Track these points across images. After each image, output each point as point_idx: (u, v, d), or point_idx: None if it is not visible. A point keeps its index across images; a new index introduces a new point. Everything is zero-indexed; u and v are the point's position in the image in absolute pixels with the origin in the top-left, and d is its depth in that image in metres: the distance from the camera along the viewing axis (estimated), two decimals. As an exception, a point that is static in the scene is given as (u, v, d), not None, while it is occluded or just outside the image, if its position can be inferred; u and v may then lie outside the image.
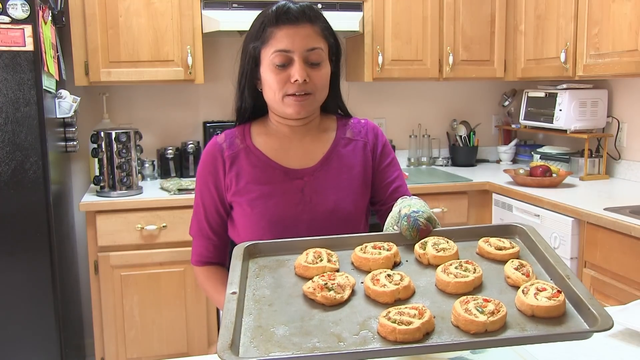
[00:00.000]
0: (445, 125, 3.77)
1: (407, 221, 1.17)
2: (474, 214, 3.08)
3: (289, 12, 1.32)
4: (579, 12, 2.76)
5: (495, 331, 0.87)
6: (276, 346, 0.87)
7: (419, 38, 3.23)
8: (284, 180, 1.39)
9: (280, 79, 1.32)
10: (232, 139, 1.45)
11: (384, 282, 0.98)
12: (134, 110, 3.30)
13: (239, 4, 2.93)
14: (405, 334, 0.84)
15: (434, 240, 1.12)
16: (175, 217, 2.73)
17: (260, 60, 1.36)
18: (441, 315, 0.92)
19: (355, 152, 1.45)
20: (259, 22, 1.36)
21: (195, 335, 2.85)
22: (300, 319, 0.94)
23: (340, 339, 0.88)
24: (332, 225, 1.36)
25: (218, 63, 3.35)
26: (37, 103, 2.30)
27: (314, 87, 1.34)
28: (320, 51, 1.34)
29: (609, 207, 2.31)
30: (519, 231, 1.17)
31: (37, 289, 2.38)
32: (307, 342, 0.87)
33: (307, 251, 1.11)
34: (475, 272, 1.00)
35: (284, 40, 1.31)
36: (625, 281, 2.16)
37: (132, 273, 2.74)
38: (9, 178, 2.31)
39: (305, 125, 1.44)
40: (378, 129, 1.52)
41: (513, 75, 3.33)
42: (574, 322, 0.89)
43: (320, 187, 1.39)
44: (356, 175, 1.43)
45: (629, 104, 3.02)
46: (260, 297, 1.00)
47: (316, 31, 1.34)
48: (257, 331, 0.91)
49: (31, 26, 2.25)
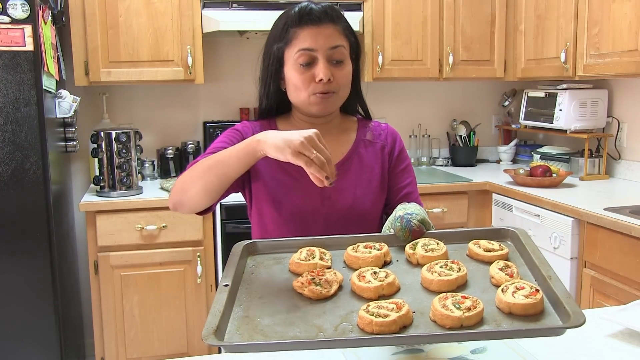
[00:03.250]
0: (445, 125, 3.77)
1: (401, 222, 1.21)
2: (474, 214, 3.08)
3: (311, 12, 1.35)
4: (579, 12, 2.76)
5: (470, 326, 0.89)
6: (259, 334, 0.91)
7: (419, 38, 3.23)
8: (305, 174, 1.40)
9: (304, 78, 1.35)
10: (262, 127, 1.47)
11: (369, 279, 1.01)
12: (134, 110, 3.30)
13: (239, 4, 2.93)
14: (381, 326, 0.87)
15: (425, 242, 1.15)
16: (175, 217, 2.73)
17: (284, 61, 1.38)
18: (421, 311, 0.95)
19: (374, 154, 1.49)
20: (281, 24, 1.39)
21: (195, 335, 2.85)
22: (286, 311, 0.97)
23: (321, 329, 0.91)
24: (348, 222, 1.40)
25: (218, 63, 3.35)
26: (37, 103, 2.30)
27: (337, 86, 1.38)
28: (343, 49, 1.38)
29: (609, 207, 2.31)
30: (511, 234, 1.20)
31: (37, 289, 2.38)
32: (289, 332, 0.91)
33: (301, 249, 1.15)
34: (459, 272, 1.03)
35: (308, 40, 1.34)
36: (625, 281, 2.16)
37: (132, 273, 2.74)
38: (9, 178, 2.31)
39: (327, 124, 1.46)
40: (397, 134, 1.55)
41: (513, 75, 3.34)
42: (549, 320, 0.91)
43: (341, 184, 1.42)
44: (375, 176, 1.47)
45: (629, 104, 3.02)
46: (252, 291, 1.04)
47: (338, 30, 1.38)
48: (243, 321, 0.95)
49: (31, 26, 2.25)
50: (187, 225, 2.76)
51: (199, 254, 2.78)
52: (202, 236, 2.79)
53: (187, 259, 2.79)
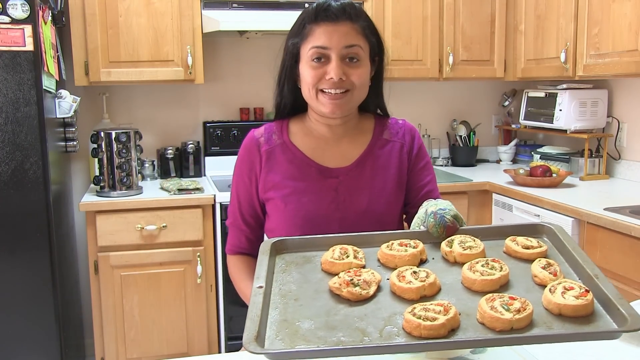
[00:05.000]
0: (445, 125, 3.77)
1: (434, 218, 1.18)
2: (474, 214, 3.08)
3: (328, 9, 1.33)
4: (579, 12, 2.76)
5: (521, 329, 0.86)
6: (301, 339, 0.88)
7: (419, 38, 3.23)
8: (319, 178, 1.40)
9: (315, 74, 1.32)
10: (269, 134, 1.46)
11: (409, 279, 0.98)
12: (134, 110, 3.30)
13: (239, 4, 2.93)
14: (430, 330, 0.84)
15: (461, 239, 1.11)
16: (175, 217, 2.73)
17: (300, 57, 1.36)
18: (467, 312, 0.92)
19: (391, 154, 1.45)
20: (299, 19, 1.37)
21: (195, 335, 2.85)
22: (326, 313, 0.94)
23: (365, 333, 0.88)
24: (363, 225, 1.37)
25: (218, 63, 3.35)
26: (37, 103, 2.30)
27: (351, 85, 1.34)
28: (359, 49, 1.34)
29: (609, 207, 2.31)
30: (547, 230, 1.17)
31: (37, 289, 2.38)
32: (332, 336, 0.88)
33: (333, 247, 1.11)
34: (501, 270, 1.00)
35: (322, 37, 1.32)
36: (625, 281, 2.16)
37: (132, 273, 2.74)
38: (9, 178, 2.31)
39: (343, 125, 1.44)
40: (415, 131, 1.52)
41: (513, 75, 3.33)
42: (602, 322, 0.88)
43: (354, 187, 1.40)
44: (391, 177, 1.44)
45: (629, 104, 3.02)
46: (286, 292, 1.01)
47: (356, 29, 1.34)
48: (282, 325, 0.91)
49: (31, 26, 2.25)
50: (187, 225, 2.76)
51: (199, 254, 2.78)
52: (202, 236, 2.78)
53: (187, 259, 2.79)
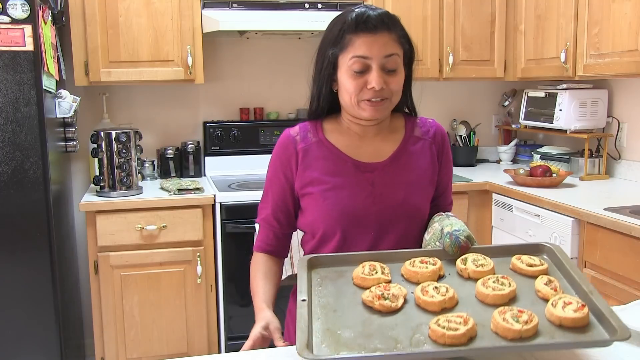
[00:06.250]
0: (445, 125, 3.75)
1: (450, 239, 1.30)
2: (474, 214, 3.08)
3: (368, 20, 1.36)
4: (579, 12, 2.76)
5: (528, 338, 1.01)
6: (344, 347, 1.02)
7: (419, 38, 3.22)
8: (355, 172, 1.45)
9: (357, 84, 1.37)
10: (305, 133, 1.49)
11: (432, 293, 1.13)
12: (134, 110, 3.30)
13: (239, 4, 2.93)
14: (453, 339, 0.99)
15: (474, 257, 1.26)
16: (175, 217, 2.73)
17: (338, 66, 1.40)
18: (482, 323, 1.05)
19: (423, 151, 1.51)
20: (337, 29, 1.39)
21: (195, 335, 2.85)
22: (362, 323, 1.08)
23: (397, 341, 1.03)
24: (399, 218, 1.44)
25: (218, 63, 3.35)
26: (37, 103, 2.30)
27: (390, 93, 1.39)
28: (397, 57, 1.38)
29: (609, 207, 2.31)
30: (547, 250, 1.32)
31: (37, 289, 2.38)
32: (370, 344, 1.02)
33: (363, 264, 1.25)
34: (510, 286, 1.14)
35: (363, 47, 1.35)
36: (625, 281, 2.16)
37: (132, 273, 2.74)
38: (9, 178, 2.31)
39: (377, 126, 1.48)
40: (444, 133, 1.57)
41: (513, 75, 3.33)
42: (596, 332, 1.04)
43: (391, 181, 1.45)
44: (424, 173, 1.50)
45: (629, 104, 3.02)
46: (325, 304, 1.15)
47: (393, 38, 1.38)
48: (326, 333, 1.05)
49: (31, 26, 2.25)
50: (187, 225, 2.76)
51: (199, 254, 2.78)
52: (202, 236, 2.78)
53: (187, 259, 2.79)
